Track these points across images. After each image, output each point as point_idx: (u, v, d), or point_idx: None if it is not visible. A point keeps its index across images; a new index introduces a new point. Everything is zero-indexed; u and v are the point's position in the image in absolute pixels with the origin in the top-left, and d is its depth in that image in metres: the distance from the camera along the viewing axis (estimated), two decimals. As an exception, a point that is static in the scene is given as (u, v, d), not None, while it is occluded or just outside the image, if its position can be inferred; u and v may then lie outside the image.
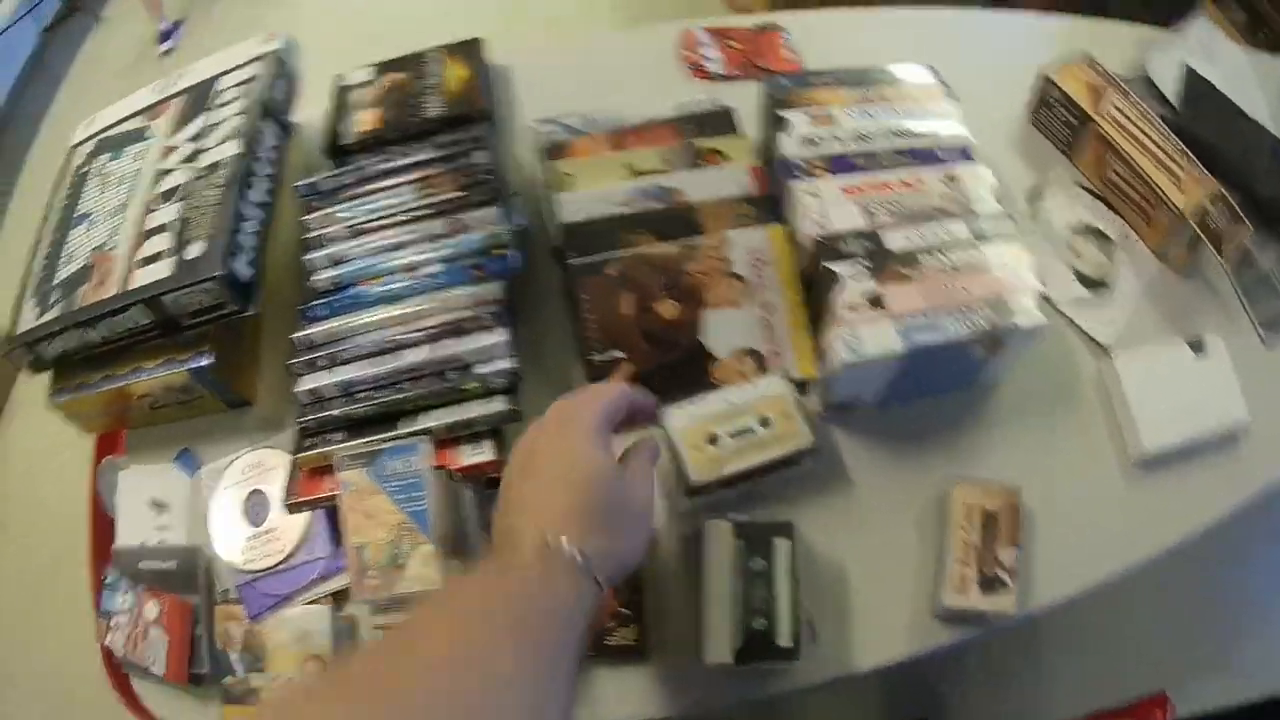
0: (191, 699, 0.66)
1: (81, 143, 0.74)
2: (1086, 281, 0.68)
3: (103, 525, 0.79)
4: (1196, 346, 0.68)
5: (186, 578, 0.66)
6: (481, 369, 0.56)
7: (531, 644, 0.35)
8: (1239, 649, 1.20)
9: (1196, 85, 0.77)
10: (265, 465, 0.65)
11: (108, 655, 0.78)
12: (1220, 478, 0.66)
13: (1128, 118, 0.70)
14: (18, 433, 1.64)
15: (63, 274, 0.70)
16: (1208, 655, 1.19)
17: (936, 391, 0.61)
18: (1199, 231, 0.67)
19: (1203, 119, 0.75)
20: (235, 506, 0.66)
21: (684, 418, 0.54)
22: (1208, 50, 0.81)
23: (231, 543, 0.65)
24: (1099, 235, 0.70)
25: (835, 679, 0.56)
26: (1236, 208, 0.68)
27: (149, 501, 0.70)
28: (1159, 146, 0.69)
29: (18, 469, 1.60)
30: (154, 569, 0.68)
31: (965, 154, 0.63)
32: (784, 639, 0.52)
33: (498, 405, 0.55)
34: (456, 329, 0.57)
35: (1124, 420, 0.65)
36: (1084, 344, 0.67)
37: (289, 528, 0.64)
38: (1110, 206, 0.71)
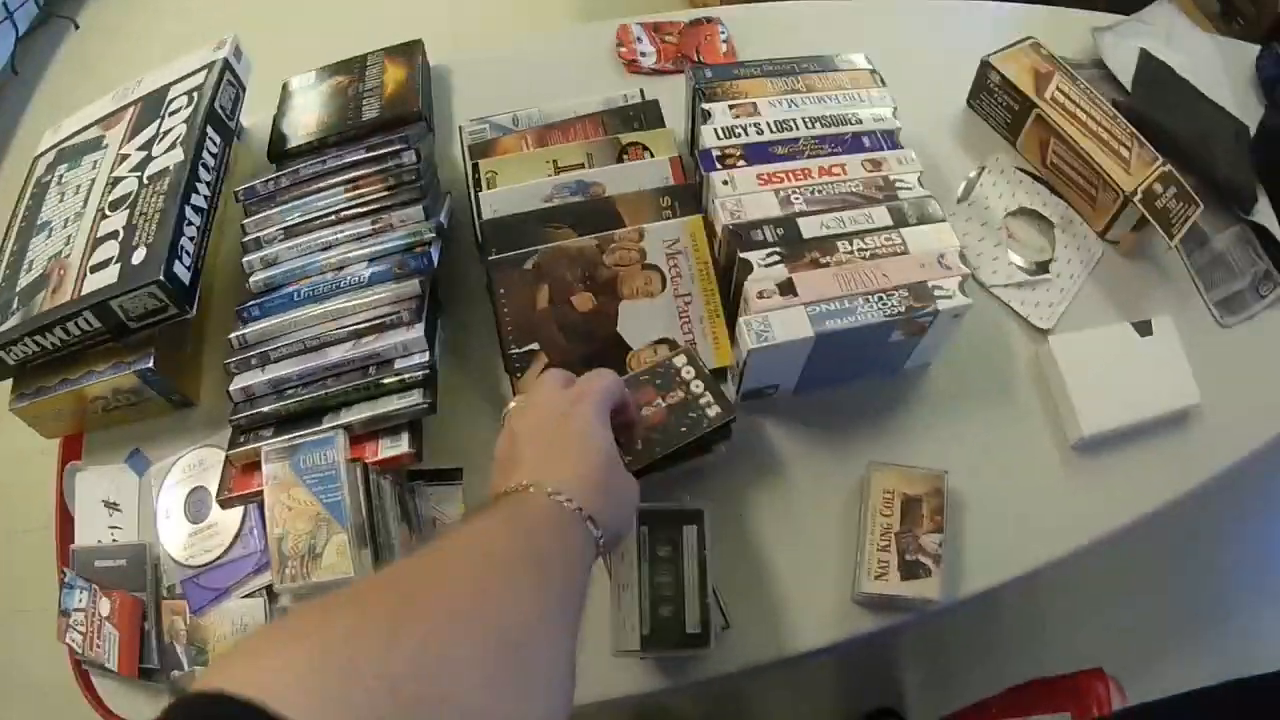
0: (145, 693, 0.73)
1: (44, 152, 0.83)
2: (1024, 266, 0.72)
3: (68, 528, 0.87)
4: (1143, 329, 0.71)
5: (135, 574, 0.73)
6: (400, 364, 0.62)
7: (549, 580, 0.39)
8: (1200, 630, 1.26)
9: (1152, 68, 0.81)
10: (206, 463, 0.72)
11: (71, 653, 0.86)
12: (1169, 462, 0.69)
13: (1073, 101, 0.74)
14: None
15: (23, 282, 0.78)
16: (1166, 635, 1.26)
17: (860, 377, 0.66)
18: (1145, 212, 0.70)
19: (1157, 102, 0.79)
20: (178, 504, 0.73)
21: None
22: (1168, 35, 0.85)
23: (175, 539, 0.72)
24: (1039, 219, 0.74)
25: (753, 666, 0.61)
26: (1187, 188, 0.72)
27: (103, 501, 0.78)
28: (1105, 129, 0.73)
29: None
30: (107, 566, 0.75)
31: (891, 140, 0.67)
32: (692, 625, 0.57)
33: (414, 399, 0.61)
34: (378, 325, 0.63)
35: (1062, 405, 0.69)
36: (1022, 329, 0.71)
37: (226, 523, 0.70)
38: (1053, 190, 0.75)
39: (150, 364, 0.71)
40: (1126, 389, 0.69)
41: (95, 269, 0.72)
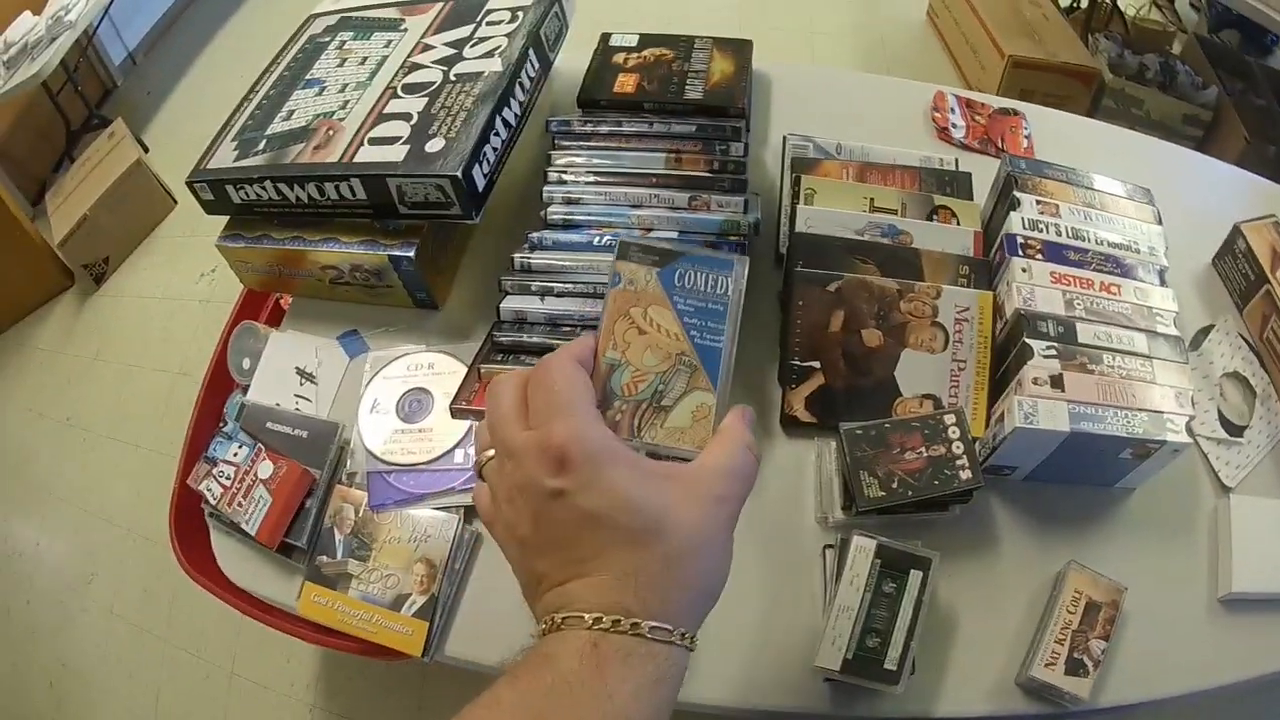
0: (270, 566, 0.75)
1: (325, 14, 0.85)
2: (1226, 424, 0.82)
3: (220, 381, 0.88)
4: (1302, 510, 0.82)
5: (316, 450, 0.76)
6: (690, 338, 0.67)
7: None
8: None
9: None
10: (438, 369, 0.75)
11: (182, 498, 0.87)
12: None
13: (1296, 287, 0.85)
14: (144, 272, 1.81)
15: (277, 128, 0.80)
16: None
17: (1080, 482, 0.74)
18: (1332, 409, 0.81)
19: None
20: (392, 398, 0.76)
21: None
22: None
23: (377, 431, 0.75)
24: (1246, 385, 0.84)
25: (916, 718, 0.67)
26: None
27: (297, 368, 0.80)
28: (1316, 320, 0.84)
29: (135, 305, 1.77)
30: (281, 432, 0.77)
31: (1161, 277, 0.76)
32: (890, 662, 0.63)
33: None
34: (675, 295, 0.68)
35: (1224, 557, 0.78)
36: (1211, 480, 0.80)
37: (444, 432, 0.74)
38: (1262, 363, 0.85)
39: (413, 253, 0.74)
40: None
41: (376, 142, 0.75)
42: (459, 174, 0.70)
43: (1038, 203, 0.74)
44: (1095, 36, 1.96)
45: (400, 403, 0.75)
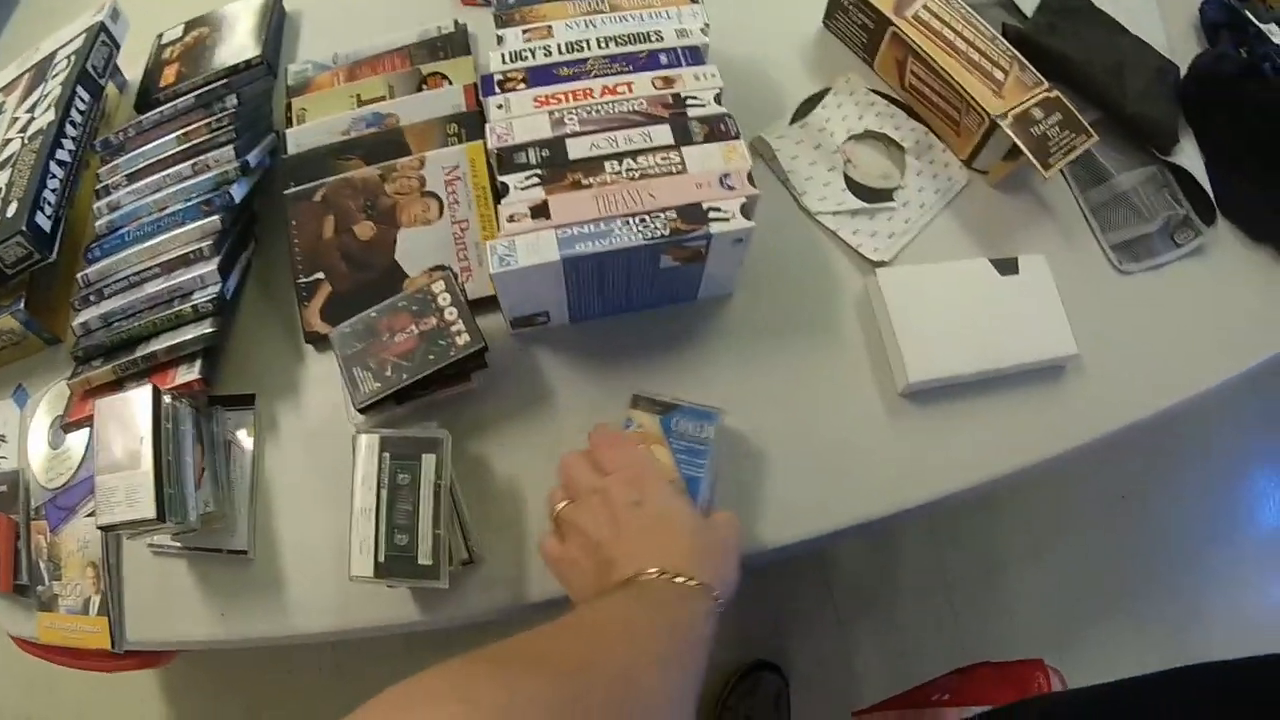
0: (23, 609, 0.86)
1: (-38, 120, 1.01)
2: (864, 192, 0.71)
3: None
4: (1006, 266, 0.68)
5: (11, 498, 0.88)
6: (197, 296, 0.71)
7: (670, 657, 0.45)
8: (1132, 606, 1.26)
9: (1064, -2, 0.78)
10: (65, 394, 0.85)
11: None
12: (1034, 421, 0.65)
13: (941, 20, 0.73)
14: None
15: (-64, 240, 0.95)
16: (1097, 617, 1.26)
17: (648, 307, 0.67)
18: (1014, 138, 0.67)
19: (1065, 31, 0.76)
20: (43, 432, 0.86)
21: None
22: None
23: (39, 464, 0.85)
24: (888, 143, 0.72)
25: (503, 610, 0.64)
26: (1078, 117, 0.68)
27: (-8, 434, 0.93)
28: (978, 50, 0.71)
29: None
30: (-7, 492, 0.90)
31: (694, 56, 0.69)
32: (424, 556, 0.60)
33: (203, 328, 0.70)
34: (185, 260, 0.73)
35: (890, 348, 0.67)
36: (854, 262, 0.69)
37: (76, 448, 0.83)
38: (912, 114, 0.73)
39: (21, 305, 0.85)
40: (975, 333, 0.66)
41: (-18, 224, 0.87)
42: (24, 227, 0.80)
43: (524, 31, 0.71)
44: None
45: (49, 434, 0.85)
